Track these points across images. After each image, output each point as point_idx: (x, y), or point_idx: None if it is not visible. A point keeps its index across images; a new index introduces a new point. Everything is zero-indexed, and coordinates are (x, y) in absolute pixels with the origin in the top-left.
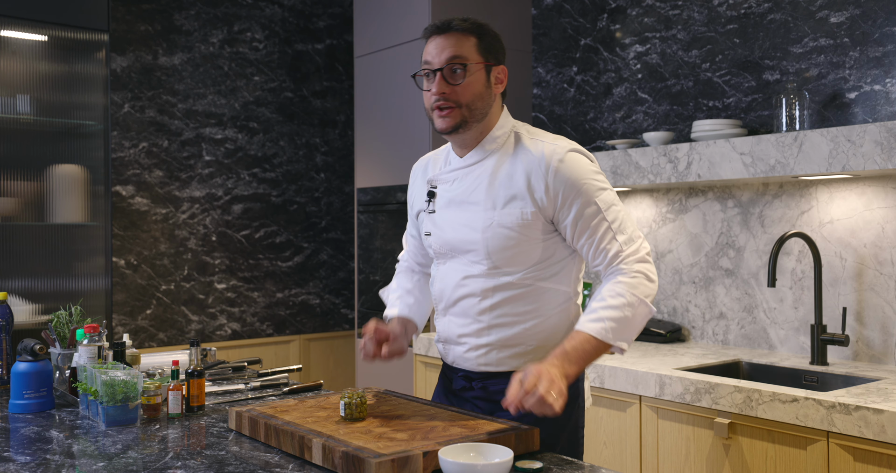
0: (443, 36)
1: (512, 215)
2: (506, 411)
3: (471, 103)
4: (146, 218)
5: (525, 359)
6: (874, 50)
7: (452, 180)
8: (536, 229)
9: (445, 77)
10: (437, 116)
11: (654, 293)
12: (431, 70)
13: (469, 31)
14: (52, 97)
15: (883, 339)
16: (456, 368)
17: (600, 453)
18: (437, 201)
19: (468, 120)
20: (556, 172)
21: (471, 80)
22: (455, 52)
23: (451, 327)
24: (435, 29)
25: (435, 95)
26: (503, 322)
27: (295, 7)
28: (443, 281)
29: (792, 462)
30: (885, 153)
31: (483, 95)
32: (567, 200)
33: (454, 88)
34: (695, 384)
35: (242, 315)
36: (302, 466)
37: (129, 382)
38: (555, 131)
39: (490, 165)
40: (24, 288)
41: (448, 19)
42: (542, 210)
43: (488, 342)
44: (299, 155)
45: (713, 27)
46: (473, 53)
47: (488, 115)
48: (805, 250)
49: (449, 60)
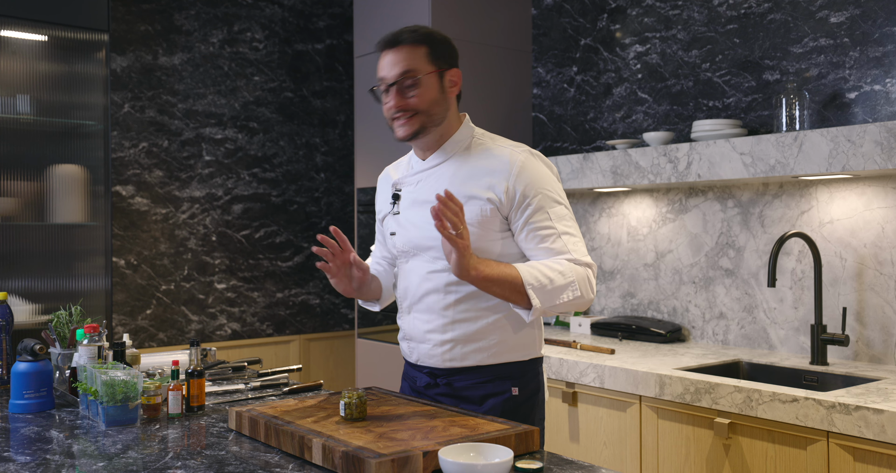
0: (393, 50)
1: (472, 212)
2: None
3: (427, 109)
4: (146, 218)
5: (488, 353)
6: (874, 50)
7: (416, 182)
8: (494, 225)
9: (400, 90)
10: (396, 125)
11: (587, 297)
12: (387, 85)
13: (419, 42)
14: (52, 97)
15: (883, 339)
16: (421, 366)
17: (600, 453)
18: (401, 202)
19: (426, 125)
20: (518, 176)
21: (424, 89)
22: (406, 66)
23: (417, 324)
24: (385, 44)
25: (392, 109)
26: (467, 318)
27: (295, 7)
28: (407, 278)
29: (792, 462)
30: (885, 153)
31: (438, 100)
32: (523, 203)
33: (407, 101)
34: (695, 384)
35: (242, 315)
36: (302, 466)
37: (129, 382)
38: (555, 131)
39: (452, 166)
40: (24, 288)
41: (397, 32)
42: (499, 208)
43: (452, 338)
44: (299, 155)
45: (713, 27)
46: (424, 63)
47: (447, 118)
48: (805, 250)
49: (401, 75)
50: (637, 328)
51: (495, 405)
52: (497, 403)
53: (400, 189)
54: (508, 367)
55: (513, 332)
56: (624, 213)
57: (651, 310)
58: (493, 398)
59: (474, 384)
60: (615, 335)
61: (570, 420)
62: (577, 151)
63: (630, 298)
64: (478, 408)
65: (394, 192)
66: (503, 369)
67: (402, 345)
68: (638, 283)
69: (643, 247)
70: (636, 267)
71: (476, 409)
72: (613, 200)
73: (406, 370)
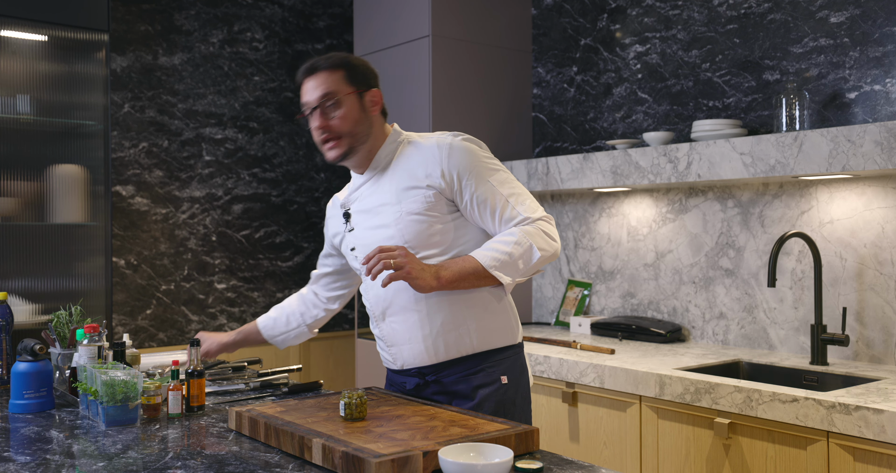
0: (313, 77)
1: (416, 202)
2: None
3: (351, 130)
4: (146, 218)
5: (470, 339)
6: (874, 50)
7: (359, 197)
8: (442, 209)
9: (322, 112)
10: (325, 149)
11: (550, 249)
12: (310, 108)
13: (335, 66)
14: (52, 97)
15: (883, 339)
16: (407, 369)
17: (600, 453)
18: (352, 219)
19: (353, 145)
20: (449, 157)
21: (345, 110)
22: (325, 90)
23: (395, 326)
24: (304, 72)
25: (318, 130)
26: (440, 307)
27: (295, 7)
28: (375, 287)
29: (792, 462)
30: (885, 153)
31: (360, 120)
32: (461, 181)
33: (330, 122)
34: (695, 384)
35: (242, 315)
36: (302, 466)
37: (129, 382)
38: (555, 131)
39: (388, 171)
40: (24, 288)
41: (314, 61)
42: (442, 192)
43: (432, 331)
44: (299, 155)
45: (713, 27)
46: (342, 85)
47: (371, 135)
48: (805, 250)
49: (321, 98)
50: (637, 328)
51: (487, 395)
52: (488, 393)
53: (349, 208)
54: (494, 355)
55: (488, 313)
56: (624, 213)
57: (651, 310)
58: (484, 388)
59: (463, 377)
60: (615, 335)
61: (570, 419)
62: (577, 151)
63: (630, 298)
64: (470, 402)
65: (344, 211)
66: (489, 357)
67: (384, 354)
68: (638, 283)
69: (643, 247)
70: (636, 267)
71: (469, 403)
72: (613, 200)
73: (391, 377)
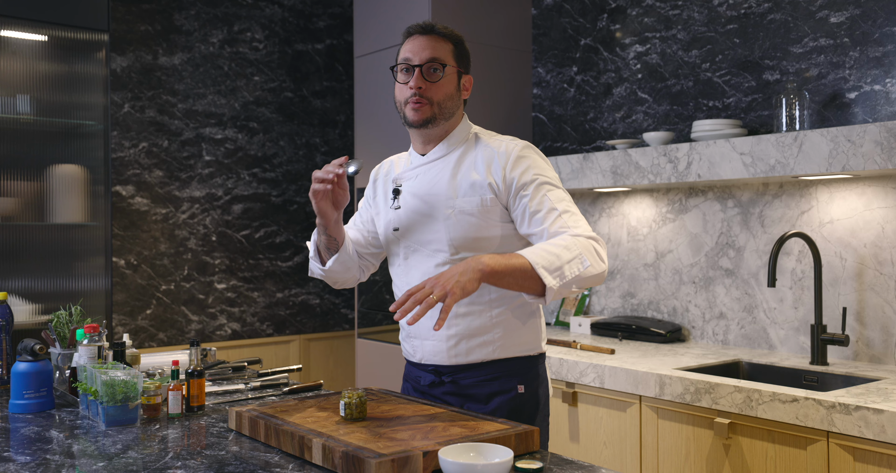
0: (425, 36)
1: (472, 202)
2: (474, 404)
3: (442, 102)
4: (146, 218)
5: (493, 347)
6: (874, 50)
7: (415, 176)
8: (495, 215)
9: (424, 74)
10: (409, 108)
11: (598, 267)
12: (411, 65)
13: (448, 38)
14: (52, 97)
15: (883, 339)
16: (425, 364)
17: (600, 453)
18: (401, 197)
19: (437, 117)
20: (514, 164)
21: (445, 81)
22: (435, 54)
23: (421, 320)
24: (419, 29)
25: (412, 89)
26: (470, 311)
27: (295, 7)
28: (408, 274)
29: (792, 462)
30: (885, 153)
31: (453, 96)
32: (521, 189)
33: (430, 85)
34: (695, 384)
35: (242, 315)
36: (302, 466)
37: (129, 382)
38: (555, 131)
39: (451, 159)
40: (24, 288)
41: (430, 22)
42: (498, 197)
43: (457, 332)
44: (299, 155)
45: (713, 27)
46: (450, 58)
47: (454, 115)
48: (805, 250)
49: (429, 59)
50: (637, 328)
51: (501, 403)
52: (503, 401)
53: (400, 184)
54: (514, 363)
55: (517, 326)
56: (624, 213)
57: (651, 310)
58: (500, 396)
59: (480, 382)
60: (615, 335)
61: (570, 419)
62: (577, 151)
63: (630, 298)
64: (483, 407)
65: (394, 187)
66: (509, 365)
67: (405, 345)
68: (638, 283)
69: (643, 247)
70: (636, 267)
71: (482, 408)
72: (613, 200)
73: (408, 370)
